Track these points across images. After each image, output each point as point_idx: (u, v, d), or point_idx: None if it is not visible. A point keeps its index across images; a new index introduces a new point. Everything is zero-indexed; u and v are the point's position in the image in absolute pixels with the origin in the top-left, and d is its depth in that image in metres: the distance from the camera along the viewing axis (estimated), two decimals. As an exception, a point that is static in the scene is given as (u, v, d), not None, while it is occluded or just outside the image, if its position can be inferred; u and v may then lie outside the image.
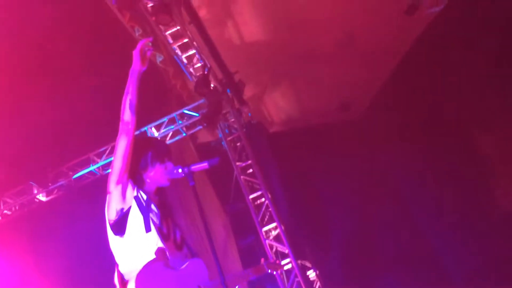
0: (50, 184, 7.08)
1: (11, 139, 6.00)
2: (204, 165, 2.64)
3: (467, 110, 6.41)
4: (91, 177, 7.03)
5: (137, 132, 3.41)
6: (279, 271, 5.40)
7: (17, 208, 7.16)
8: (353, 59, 7.06)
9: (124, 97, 2.62)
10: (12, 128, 5.92)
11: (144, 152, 2.79)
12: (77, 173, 7.03)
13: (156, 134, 6.90)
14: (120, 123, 2.61)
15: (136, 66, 2.64)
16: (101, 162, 6.98)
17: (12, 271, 6.33)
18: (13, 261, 6.29)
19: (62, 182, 7.06)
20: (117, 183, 2.61)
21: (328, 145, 7.66)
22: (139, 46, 2.67)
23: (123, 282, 2.53)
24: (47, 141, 6.24)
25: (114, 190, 2.62)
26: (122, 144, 2.59)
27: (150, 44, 2.79)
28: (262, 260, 3.71)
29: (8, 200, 7.10)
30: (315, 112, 7.82)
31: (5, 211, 7.11)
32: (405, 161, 7.25)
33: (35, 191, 7.09)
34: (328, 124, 7.89)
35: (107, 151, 6.96)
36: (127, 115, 2.59)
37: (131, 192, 2.66)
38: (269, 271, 3.73)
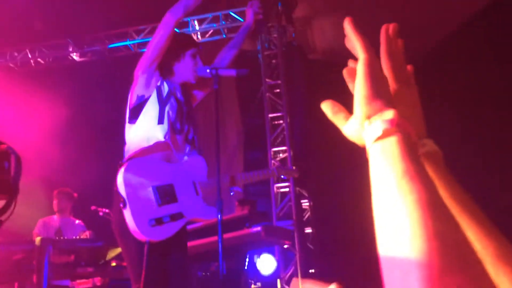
0: (85, 46, 7.21)
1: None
2: (232, 72, 2.72)
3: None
4: (125, 51, 7.11)
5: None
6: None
7: (50, 60, 7.38)
8: (418, 7, 6.63)
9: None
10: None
11: (179, 44, 2.81)
12: (113, 43, 7.11)
13: (197, 27, 6.82)
14: (167, 13, 2.65)
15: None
16: (138, 40, 7.02)
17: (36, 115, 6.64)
18: (38, 107, 6.57)
19: (97, 47, 7.17)
20: (144, 71, 2.68)
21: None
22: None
23: (120, 164, 2.58)
24: (94, 4, 6.24)
25: (140, 76, 2.69)
26: (160, 34, 2.65)
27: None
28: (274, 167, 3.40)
29: (44, 49, 7.30)
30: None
31: (39, 59, 7.35)
32: (442, 124, 7.03)
33: (70, 49, 7.25)
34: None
35: (146, 31, 6.96)
36: (178, 11, 2.64)
37: (155, 82, 2.71)
38: (282, 176, 3.82)
